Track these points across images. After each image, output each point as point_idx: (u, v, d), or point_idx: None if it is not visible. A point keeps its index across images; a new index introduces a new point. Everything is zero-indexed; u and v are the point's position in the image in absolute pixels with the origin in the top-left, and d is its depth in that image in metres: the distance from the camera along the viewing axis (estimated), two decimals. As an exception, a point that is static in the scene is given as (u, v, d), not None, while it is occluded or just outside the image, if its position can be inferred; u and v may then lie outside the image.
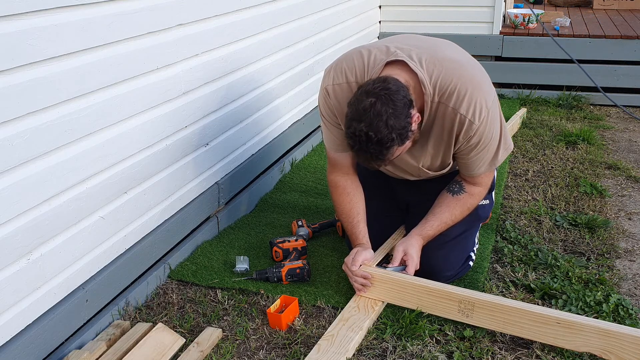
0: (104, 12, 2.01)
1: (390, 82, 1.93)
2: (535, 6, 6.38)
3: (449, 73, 2.04)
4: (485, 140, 2.11)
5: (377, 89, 1.90)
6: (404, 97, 1.91)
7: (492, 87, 2.17)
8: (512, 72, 4.87)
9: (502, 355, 1.99)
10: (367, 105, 1.87)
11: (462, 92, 2.03)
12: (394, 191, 2.52)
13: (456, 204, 2.27)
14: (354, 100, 1.95)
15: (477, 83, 2.08)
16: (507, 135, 2.22)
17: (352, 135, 1.92)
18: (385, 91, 1.89)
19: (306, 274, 2.39)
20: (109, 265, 2.22)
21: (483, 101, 2.04)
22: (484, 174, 2.25)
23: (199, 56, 2.59)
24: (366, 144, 1.89)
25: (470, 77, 2.08)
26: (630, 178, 3.38)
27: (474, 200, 2.31)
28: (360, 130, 1.88)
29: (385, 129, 1.86)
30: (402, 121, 1.89)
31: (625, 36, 4.61)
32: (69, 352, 1.99)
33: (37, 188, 1.84)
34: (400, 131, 1.89)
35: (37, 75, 1.78)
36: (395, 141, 1.90)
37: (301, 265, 2.40)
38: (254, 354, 2.05)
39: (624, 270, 2.49)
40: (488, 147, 2.14)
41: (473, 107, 2.03)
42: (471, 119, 2.04)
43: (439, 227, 2.27)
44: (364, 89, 1.94)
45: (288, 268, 2.39)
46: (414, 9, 5.03)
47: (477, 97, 2.03)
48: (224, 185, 2.89)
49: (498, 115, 2.15)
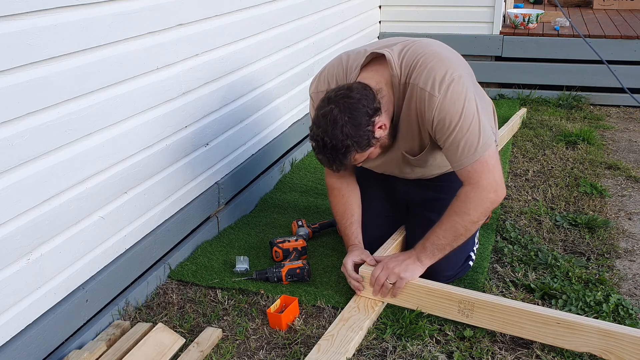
0: (104, 12, 2.01)
1: (354, 90, 1.98)
2: (535, 6, 6.39)
3: (416, 52, 2.05)
4: (453, 117, 1.97)
5: (338, 97, 1.97)
6: (365, 107, 1.95)
7: (463, 65, 2.11)
8: (512, 72, 4.87)
9: (502, 355, 1.99)
10: (326, 112, 1.96)
11: (424, 66, 2.01)
12: (395, 191, 2.52)
13: (447, 212, 2.10)
14: (318, 105, 2.04)
15: (442, 58, 2.03)
16: (485, 123, 2.02)
17: (311, 139, 2.02)
18: (345, 99, 1.95)
19: (306, 274, 2.39)
20: (109, 265, 2.22)
21: (443, 72, 1.98)
22: (470, 165, 2.01)
23: (199, 56, 2.59)
24: (322, 148, 1.98)
25: (435, 53, 2.04)
26: (630, 178, 3.38)
27: (464, 205, 2.04)
28: (317, 135, 1.98)
29: (341, 135, 1.93)
30: (359, 129, 1.94)
31: (625, 36, 4.61)
32: (69, 352, 1.99)
33: (37, 188, 1.84)
34: (356, 139, 1.95)
35: (37, 75, 1.78)
36: (351, 147, 1.96)
37: (301, 265, 2.40)
38: (254, 354, 2.05)
39: (624, 270, 2.49)
40: (461, 127, 1.97)
41: (432, 79, 1.98)
42: (430, 91, 1.97)
43: (434, 241, 2.12)
44: (327, 95, 2.02)
45: (288, 268, 2.39)
46: (414, 9, 5.03)
47: (438, 69, 1.99)
48: (224, 185, 2.89)
49: (470, 94, 2.00)
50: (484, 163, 2.01)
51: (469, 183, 2.04)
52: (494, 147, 2.05)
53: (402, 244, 2.48)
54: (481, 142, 1.99)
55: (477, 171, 2.01)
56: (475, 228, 2.10)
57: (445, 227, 2.09)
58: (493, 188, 2.02)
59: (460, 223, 2.06)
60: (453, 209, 2.08)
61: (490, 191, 2.02)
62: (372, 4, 4.92)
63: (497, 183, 2.03)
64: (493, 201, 2.04)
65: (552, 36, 4.74)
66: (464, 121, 1.97)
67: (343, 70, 2.19)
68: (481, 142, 1.99)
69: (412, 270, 2.14)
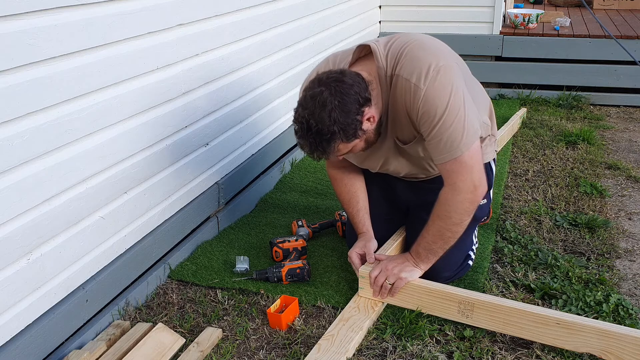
0: (104, 12, 2.01)
1: (347, 75, 1.88)
2: (535, 6, 6.39)
3: (401, 42, 1.98)
4: (438, 110, 1.89)
5: (330, 80, 1.86)
6: (357, 94, 1.85)
7: (451, 55, 2.02)
8: (512, 72, 4.87)
9: (502, 355, 1.99)
10: (316, 93, 1.84)
11: (409, 56, 1.93)
12: (395, 194, 2.51)
13: (431, 216, 2.08)
14: (306, 87, 1.92)
15: (428, 48, 1.95)
16: (471, 117, 1.95)
17: (295, 121, 1.90)
18: (337, 83, 1.84)
19: (306, 273, 2.39)
20: (109, 265, 2.22)
21: (429, 63, 1.90)
22: (449, 162, 1.96)
23: (199, 56, 2.59)
24: (306, 131, 1.86)
25: (421, 42, 1.97)
26: (630, 178, 3.38)
27: (444, 208, 2.02)
28: (302, 116, 1.85)
29: (328, 120, 1.82)
30: (348, 117, 1.84)
31: (625, 36, 4.61)
32: (69, 352, 1.99)
33: (37, 188, 1.84)
34: (343, 126, 1.84)
35: (37, 75, 1.78)
36: (337, 135, 1.85)
37: (301, 265, 2.40)
38: (254, 354, 2.05)
39: (624, 270, 2.49)
40: (444, 121, 1.90)
41: (418, 70, 1.90)
42: (416, 82, 1.90)
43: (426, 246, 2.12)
44: (317, 77, 1.91)
45: (288, 268, 2.39)
46: (414, 9, 5.03)
47: (423, 59, 1.91)
48: (224, 185, 2.89)
49: (457, 85, 1.92)
50: (463, 163, 1.95)
51: (447, 184, 2.01)
52: (477, 144, 1.99)
53: (402, 245, 2.48)
54: (464, 138, 1.93)
55: (455, 171, 1.97)
56: (461, 229, 2.06)
57: (432, 232, 2.08)
58: (470, 189, 1.98)
59: (444, 227, 2.04)
60: (436, 212, 2.05)
61: (467, 192, 1.98)
62: (372, 4, 4.92)
63: (474, 183, 1.98)
64: (472, 200, 2.00)
65: (552, 36, 4.74)
66: (448, 115, 1.90)
67: (331, 68, 2.11)
68: (464, 138, 1.93)
69: (410, 272, 2.15)
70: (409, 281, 2.14)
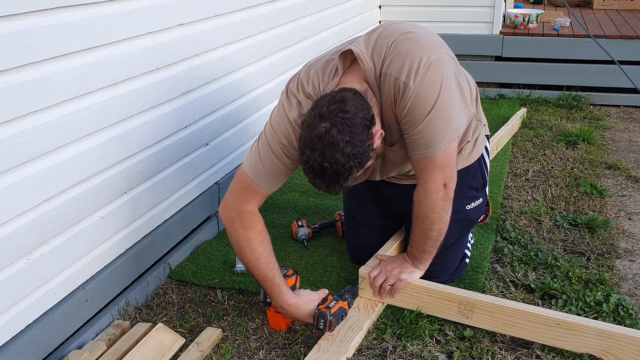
0: (104, 12, 2.01)
1: (347, 101, 1.71)
2: (535, 6, 6.39)
3: (386, 37, 1.85)
4: (424, 109, 1.81)
5: (332, 112, 1.68)
6: (363, 118, 1.71)
7: (440, 45, 1.89)
8: (512, 72, 4.87)
9: (502, 355, 1.99)
10: (322, 132, 1.67)
11: (396, 51, 1.80)
12: (388, 205, 2.45)
13: (413, 219, 2.07)
14: (308, 123, 1.73)
15: (416, 39, 1.83)
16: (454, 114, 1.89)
17: (306, 164, 1.73)
18: (341, 114, 1.68)
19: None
20: (109, 265, 2.22)
21: (419, 58, 1.79)
22: (423, 159, 1.91)
23: (199, 56, 2.59)
24: (321, 174, 1.71)
25: (408, 34, 1.83)
26: (630, 178, 3.38)
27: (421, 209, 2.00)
28: (314, 160, 1.69)
29: (342, 159, 1.68)
30: (361, 147, 1.71)
31: (625, 36, 4.61)
32: (69, 352, 1.99)
33: (37, 188, 1.84)
34: (359, 158, 1.71)
35: (37, 75, 1.78)
36: (354, 169, 1.72)
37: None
38: (254, 354, 2.05)
39: (624, 270, 2.49)
40: (428, 121, 1.83)
41: (408, 67, 1.79)
42: (405, 81, 1.79)
43: (417, 248, 2.11)
44: (317, 110, 1.72)
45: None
46: (414, 9, 5.03)
47: (412, 53, 1.79)
48: (224, 185, 2.89)
49: (447, 80, 1.84)
50: (437, 163, 1.91)
51: (419, 183, 1.98)
52: (455, 143, 1.95)
53: (402, 245, 2.47)
54: (444, 138, 1.88)
55: (428, 170, 1.93)
56: (444, 225, 2.03)
57: (418, 234, 2.08)
58: (440, 188, 1.95)
59: (426, 227, 2.03)
60: (415, 215, 2.04)
61: (438, 191, 1.96)
62: (372, 4, 4.92)
63: (445, 181, 1.95)
64: (444, 198, 1.98)
65: (552, 36, 4.74)
66: (433, 115, 1.83)
67: (319, 81, 1.95)
68: (444, 138, 1.88)
69: (410, 273, 2.15)
70: (408, 282, 2.14)
